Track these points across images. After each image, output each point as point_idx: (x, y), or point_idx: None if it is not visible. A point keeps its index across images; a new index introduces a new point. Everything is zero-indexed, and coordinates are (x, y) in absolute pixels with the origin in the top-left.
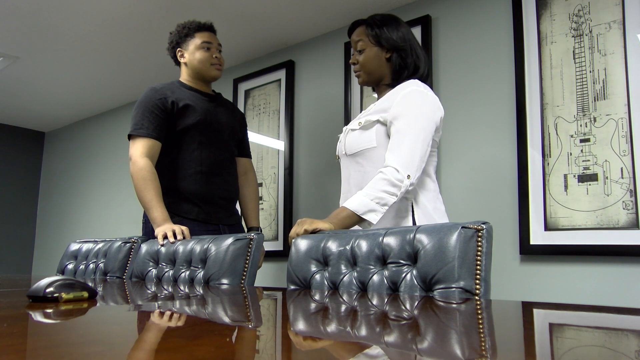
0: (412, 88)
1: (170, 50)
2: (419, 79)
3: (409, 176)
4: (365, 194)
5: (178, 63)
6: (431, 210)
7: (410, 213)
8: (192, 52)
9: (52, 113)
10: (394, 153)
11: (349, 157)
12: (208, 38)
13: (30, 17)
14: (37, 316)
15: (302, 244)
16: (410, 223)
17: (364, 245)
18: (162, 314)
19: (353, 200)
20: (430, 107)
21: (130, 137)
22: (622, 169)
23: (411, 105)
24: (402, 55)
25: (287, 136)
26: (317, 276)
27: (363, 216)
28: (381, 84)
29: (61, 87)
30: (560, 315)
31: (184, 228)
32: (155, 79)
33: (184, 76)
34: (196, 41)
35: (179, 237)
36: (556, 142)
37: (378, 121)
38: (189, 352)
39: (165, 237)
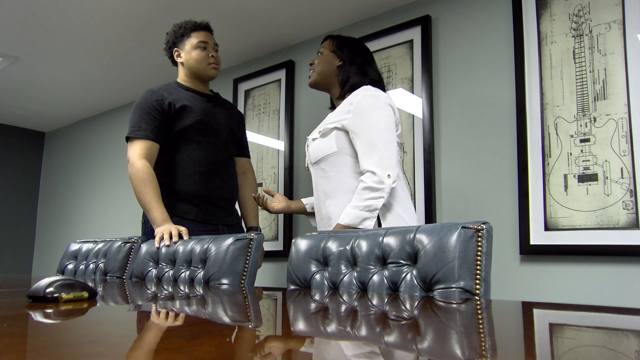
0: (363, 94)
1: (167, 50)
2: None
3: (389, 175)
4: (353, 206)
5: (175, 63)
6: (397, 208)
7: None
8: (188, 52)
9: (52, 113)
10: (368, 158)
11: (315, 166)
12: (204, 37)
13: (30, 17)
14: (37, 316)
15: (302, 244)
16: (376, 223)
17: (364, 245)
18: (162, 314)
19: (346, 215)
20: (384, 106)
21: (128, 139)
22: (622, 169)
23: (366, 110)
24: (351, 69)
25: (287, 136)
26: (317, 276)
27: (360, 227)
28: (334, 98)
29: (61, 87)
30: (560, 315)
31: (182, 229)
32: (155, 78)
33: (181, 76)
34: (192, 41)
35: (175, 239)
36: (556, 142)
37: (335, 128)
38: (189, 352)
39: (162, 239)
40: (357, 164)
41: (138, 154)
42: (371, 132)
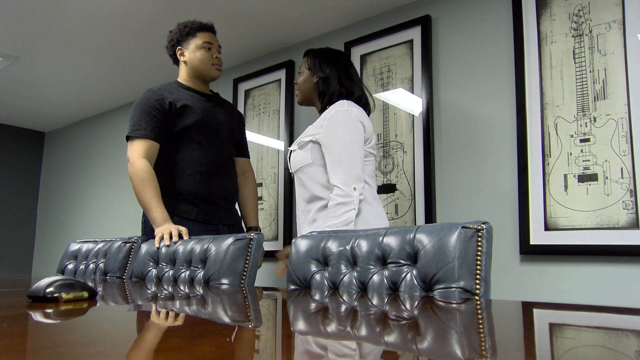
0: (336, 109)
1: (169, 48)
2: (351, 99)
3: (355, 188)
4: (332, 224)
5: (176, 62)
6: (365, 214)
7: None
8: (192, 51)
9: (52, 113)
10: (334, 174)
11: (295, 174)
12: (209, 38)
13: (30, 17)
14: (37, 316)
15: (302, 244)
16: None
17: (364, 245)
18: (162, 314)
19: None
20: (354, 123)
21: (128, 138)
22: (622, 169)
23: (336, 126)
24: (325, 83)
25: (287, 136)
26: (317, 276)
27: None
28: (318, 111)
29: (61, 87)
30: (560, 315)
31: (182, 229)
32: (155, 78)
33: (183, 75)
34: (197, 41)
35: (175, 239)
36: (556, 142)
37: (311, 141)
38: (189, 352)
39: (162, 239)
40: (327, 175)
41: (138, 154)
42: (338, 147)
